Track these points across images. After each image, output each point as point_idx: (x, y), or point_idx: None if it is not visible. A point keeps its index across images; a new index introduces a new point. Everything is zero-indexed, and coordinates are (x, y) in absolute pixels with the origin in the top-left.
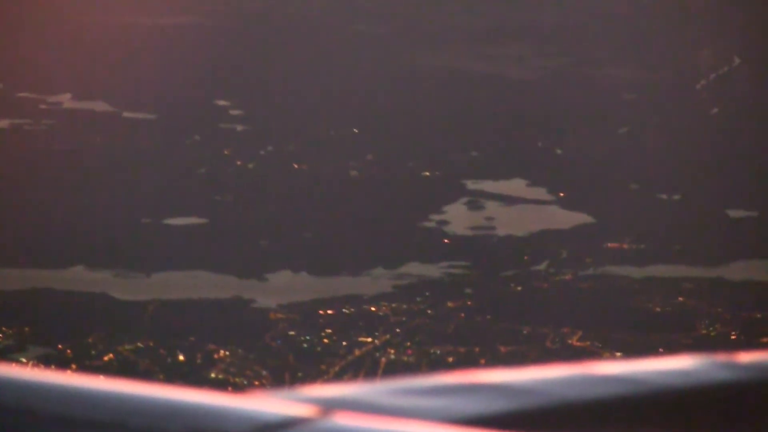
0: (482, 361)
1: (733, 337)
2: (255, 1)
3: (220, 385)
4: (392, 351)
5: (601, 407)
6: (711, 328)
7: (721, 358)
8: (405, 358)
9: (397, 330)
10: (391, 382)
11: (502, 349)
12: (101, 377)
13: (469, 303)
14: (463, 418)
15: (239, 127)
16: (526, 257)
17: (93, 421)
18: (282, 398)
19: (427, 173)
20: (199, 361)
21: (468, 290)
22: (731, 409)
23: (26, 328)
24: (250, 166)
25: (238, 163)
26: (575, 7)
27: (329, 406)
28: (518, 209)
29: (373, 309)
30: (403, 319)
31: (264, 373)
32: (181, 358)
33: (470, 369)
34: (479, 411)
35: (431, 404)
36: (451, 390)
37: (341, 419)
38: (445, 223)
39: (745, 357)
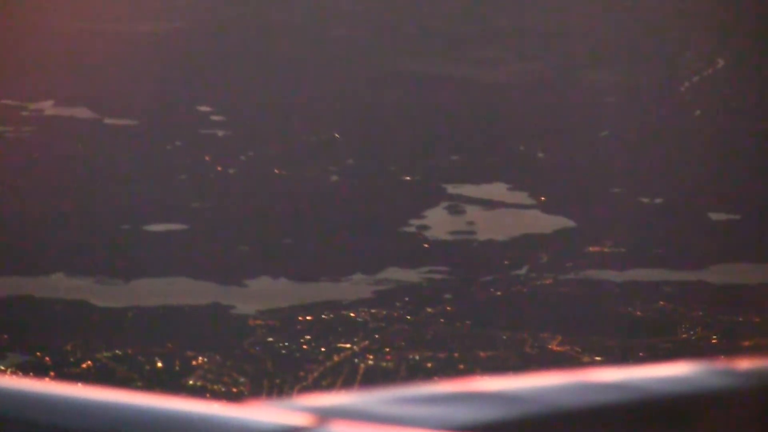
0: (461, 367)
1: (713, 341)
2: (236, 6)
3: (198, 393)
4: (371, 357)
5: (597, 414)
6: (691, 332)
7: (716, 364)
8: (384, 364)
9: (376, 336)
10: (387, 391)
11: (481, 354)
12: (97, 387)
13: (448, 308)
14: (459, 426)
15: (220, 133)
16: (506, 262)
17: (89, 431)
18: (279, 407)
19: (408, 178)
20: (177, 368)
21: (447, 295)
22: (727, 415)
23: (5, 336)
24: (231, 171)
25: (219, 168)
26: (556, 10)
27: (326, 415)
28: (499, 214)
29: (352, 315)
30: (383, 324)
31: (242, 380)
32: (159, 365)
33: (461, 377)
34: (475, 419)
35: (427, 413)
36: (446, 398)
37: (337, 428)
38: (425, 227)
39: (741, 364)
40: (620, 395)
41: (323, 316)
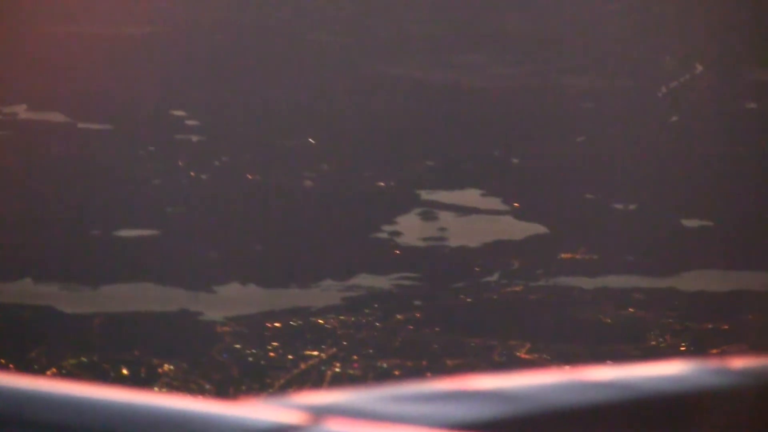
0: (428, 375)
1: (682, 348)
2: (212, 9)
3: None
4: (338, 364)
5: (593, 413)
6: (661, 339)
7: (711, 363)
8: (351, 372)
9: (344, 343)
10: (382, 388)
11: (449, 362)
12: (91, 385)
13: (418, 315)
14: (455, 424)
15: (194, 138)
16: (477, 268)
17: (82, 429)
18: (273, 405)
19: (382, 183)
20: (142, 375)
21: (417, 302)
22: (722, 414)
23: None
24: (204, 177)
25: (192, 174)
26: (536, 15)
27: (320, 412)
28: (472, 220)
29: (320, 321)
30: (351, 331)
31: (208, 387)
32: (125, 372)
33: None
34: (470, 417)
35: (422, 410)
36: (442, 396)
37: (332, 426)
38: (397, 234)
39: (736, 362)
40: (615, 394)
41: (292, 323)
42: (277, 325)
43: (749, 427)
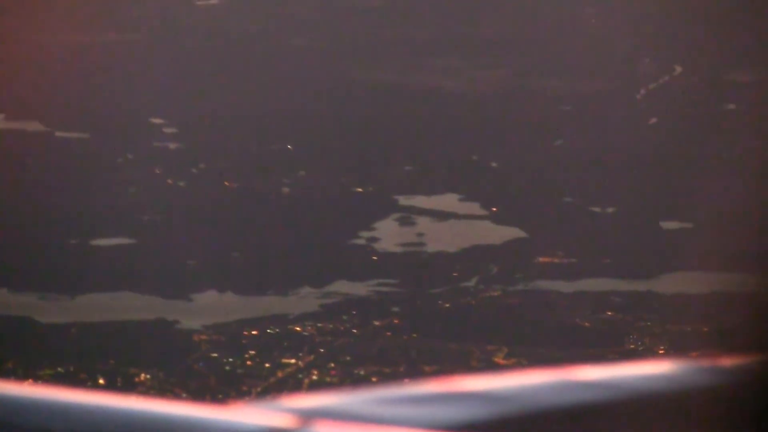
0: (406, 381)
1: (660, 351)
2: (191, 16)
3: None
4: (315, 372)
5: (583, 412)
6: (639, 343)
7: (699, 362)
8: (328, 379)
9: (322, 350)
10: (372, 391)
11: (427, 368)
12: (81, 390)
13: (395, 321)
14: (444, 425)
15: (172, 145)
16: (455, 274)
17: None
18: (262, 409)
19: (360, 189)
20: (119, 384)
21: (395, 308)
22: (710, 412)
23: None
24: (181, 184)
25: (169, 181)
26: (513, 19)
27: (309, 415)
28: (450, 225)
29: (298, 329)
30: (328, 338)
31: (184, 395)
32: (101, 381)
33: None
34: (459, 418)
35: (412, 412)
36: (432, 398)
37: (322, 429)
38: (375, 239)
39: (724, 361)
40: (604, 393)
41: (269, 331)
42: (254, 332)
43: (737, 423)
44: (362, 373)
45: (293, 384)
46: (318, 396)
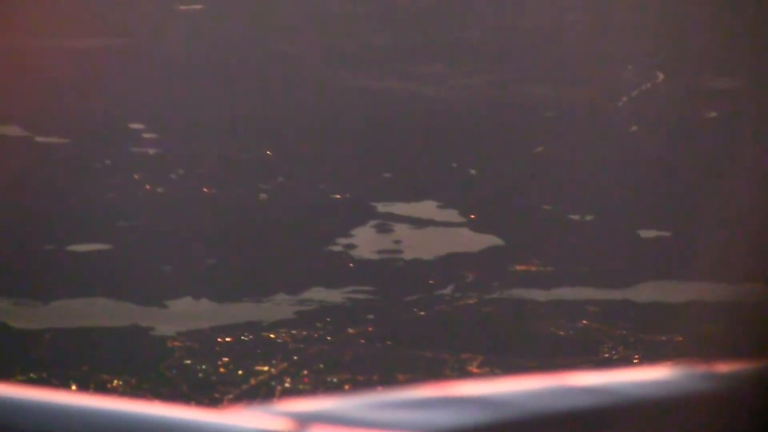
0: (378, 389)
1: (635, 360)
2: (170, 21)
3: None
4: (288, 380)
5: (577, 418)
6: (613, 352)
7: (693, 368)
8: (301, 386)
9: (295, 357)
10: (367, 395)
11: (400, 376)
12: (75, 393)
13: (370, 329)
14: (438, 430)
15: (151, 151)
16: (431, 281)
17: None
18: (259, 412)
19: (338, 196)
20: (91, 391)
21: (370, 316)
22: (704, 418)
23: None
24: (159, 190)
25: (147, 187)
26: (495, 25)
27: (305, 419)
28: (427, 232)
29: (272, 336)
30: (302, 346)
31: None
32: (74, 388)
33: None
34: (455, 423)
35: (407, 417)
36: (427, 403)
37: None
38: (352, 246)
39: (718, 367)
40: (599, 399)
41: (243, 338)
42: (228, 339)
43: (731, 430)
44: (335, 380)
45: (266, 391)
46: (314, 400)
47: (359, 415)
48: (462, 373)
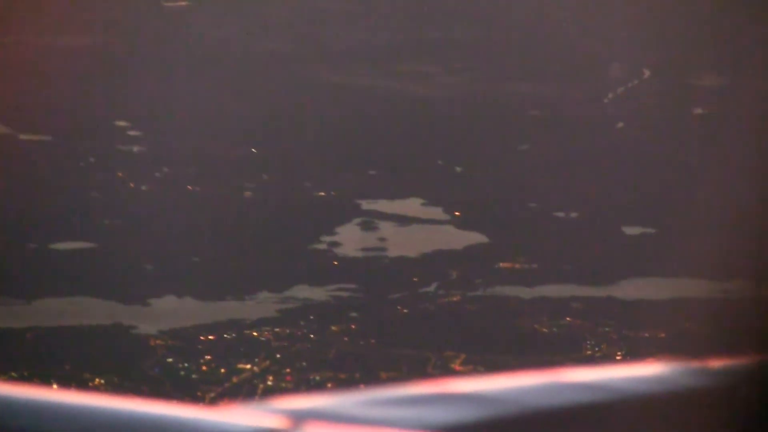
0: (362, 387)
1: (618, 357)
2: (156, 20)
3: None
4: (271, 378)
5: (572, 414)
6: (596, 349)
7: (688, 364)
8: (283, 385)
9: (278, 356)
10: (363, 392)
11: (383, 374)
12: (72, 392)
13: (353, 327)
14: (434, 426)
15: (136, 149)
16: (415, 279)
17: None
18: (255, 410)
19: (323, 193)
20: (73, 390)
21: (353, 314)
22: (699, 413)
23: None
24: (144, 188)
25: (131, 185)
26: (482, 24)
27: (301, 417)
28: (412, 230)
29: (255, 334)
30: (285, 344)
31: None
32: (55, 387)
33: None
34: (451, 420)
35: (402, 414)
36: (421, 399)
37: (312, 430)
38: (336, 244)
39: (712, 363)
40: (594, 395)
41: (226, 336)
42: (210, 338)
43: (725, 425)
44: (318, 378)
45: (248, 390)
46: (309, 397)
47: (354, 412)
48: (445, 370)
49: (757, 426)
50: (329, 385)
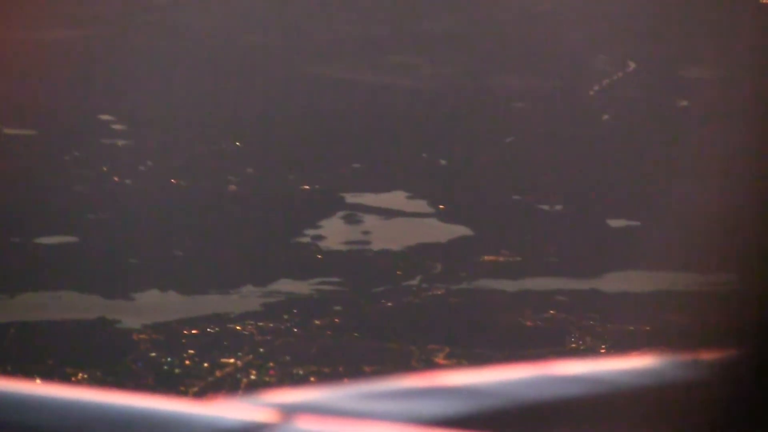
0: (345, 381)
1: (602, 350)
2: (143, 13)
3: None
4: (254, 372)
5: (564, 407)
6: (580, 342)
7: (680, 356)
8: (267, 379)
9: (261, 350)
10: (354, 385)
11: (366, 368)
12: (61, 386)
13: (336, 321)
14: (426, 420)
15: (120, 142)
16: (399, 272)
17: (55, 430)
18: (244, 403)
19: (307, 186)
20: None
21: (337, 307)
22: (691, 406)
23: None
24: (128, 182)
25: (116, 179)
26: (469, 16)
27: (291, 410)
28: (396, 223)
29: (238, 328)
30: (268, 338)
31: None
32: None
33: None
34: (442, 413)
35: (393, 407)
36: (413, 393)
37: (303, 423)
38: (320, 238)
39: (705, 355)
40: (586, 388)
41: (209, 330)
42: (194, 332)
43: (716, 418)
44: (301, 372)
45: (231, 384)
46: (301, 390)
47: (346, 405)
48: (428, 364)
49: (741, 420)
50: (312, 379)
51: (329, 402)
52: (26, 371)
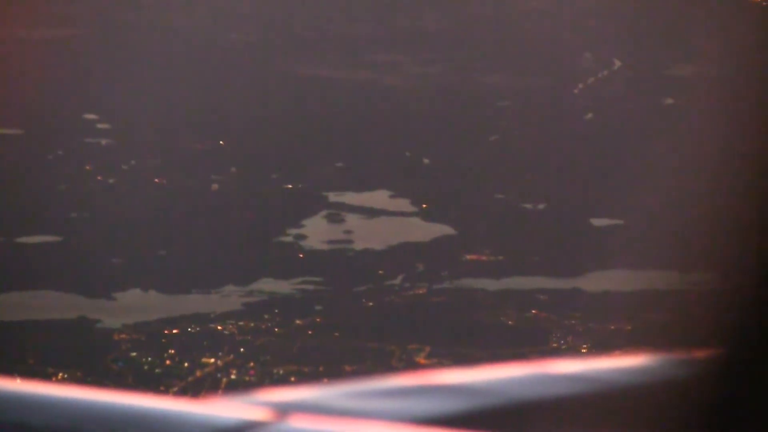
0: (325, 381)
1: (583, 350)
2: (126, 11)
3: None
4: (234, 372)
5: (559, 406)
6: (562, 341)
7: (675, 355)
8: (247, 378)
9: (242, 349)
10: (348, 384)
11: (347, 368)
12: (56, 385)
13: (318, 320)
14: (420, 419)
15: (104, 141)
16: (381, 272)
17: (50, 429)
18: (239, 402)
19: (290, 185)
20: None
21: (318, 307)
22: (686, 405)
23: None
24: (111, 181)
25: (99, 178)
26: (452, 14)
27: (285, 409)
28: (379, 222)
29: (219, 328)
30: (249, 337)
31: None
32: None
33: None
34: (436, 412)
35: (387, 406)
36: (407, 391)
37: (297, 422)
38: (302, 237)
39: (698, 354)
40: (580, 386)
41: (190, 330)
42: (175, 331)
43: (711, 416)
44: (281, 372)
45: (211, 383)
46: (294, 389)
47: (340, 404)
48: (409, 363)
49: (725, 418)
50: (293, 379)
51: (323, 401)
52: (5, 371)
